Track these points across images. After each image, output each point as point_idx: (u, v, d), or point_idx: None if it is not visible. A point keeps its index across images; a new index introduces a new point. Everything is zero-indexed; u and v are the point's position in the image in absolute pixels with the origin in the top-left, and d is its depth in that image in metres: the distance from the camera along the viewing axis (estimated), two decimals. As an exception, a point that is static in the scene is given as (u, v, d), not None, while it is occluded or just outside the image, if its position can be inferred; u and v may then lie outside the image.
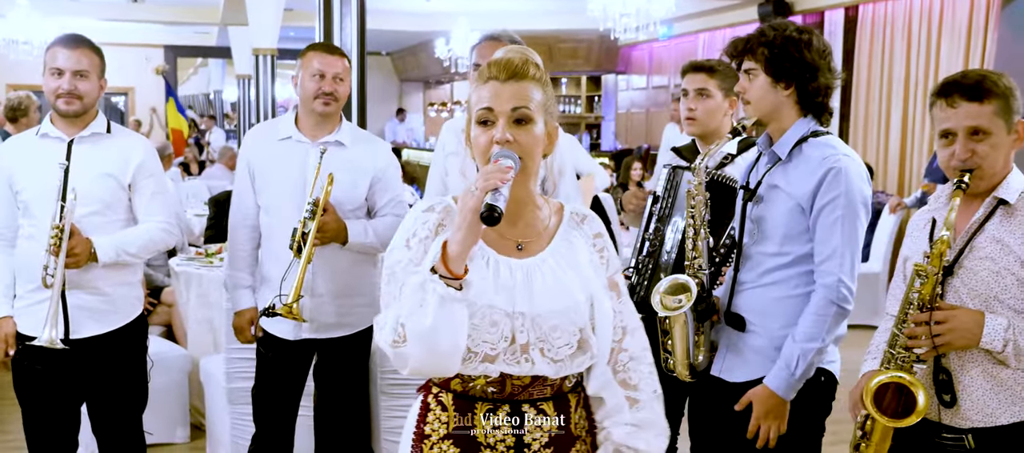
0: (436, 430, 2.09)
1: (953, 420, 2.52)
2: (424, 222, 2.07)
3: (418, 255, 2.03)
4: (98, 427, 3.54)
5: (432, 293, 1.87)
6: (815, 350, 2.71)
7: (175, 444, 5.19)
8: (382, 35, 16.27)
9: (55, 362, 3.31)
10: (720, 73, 3.55)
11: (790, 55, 2.77)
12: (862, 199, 2.75)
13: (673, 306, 2.83)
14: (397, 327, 1.92)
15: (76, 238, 3.21)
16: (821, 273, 2.74)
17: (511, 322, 2.01)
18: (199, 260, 5.87)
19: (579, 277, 2.08)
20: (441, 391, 2.11)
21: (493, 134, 2.01)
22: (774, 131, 2.87)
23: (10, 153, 3.43)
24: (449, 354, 1.93)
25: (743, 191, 2.94)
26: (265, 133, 3.70)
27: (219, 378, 4.75)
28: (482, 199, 1.85)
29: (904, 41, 10.28)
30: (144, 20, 16.10)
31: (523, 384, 2.05)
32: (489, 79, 2.05)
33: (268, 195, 3.56)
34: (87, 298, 3.35)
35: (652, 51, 16.00)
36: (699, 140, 3.61)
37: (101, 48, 3.45)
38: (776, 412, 2.75)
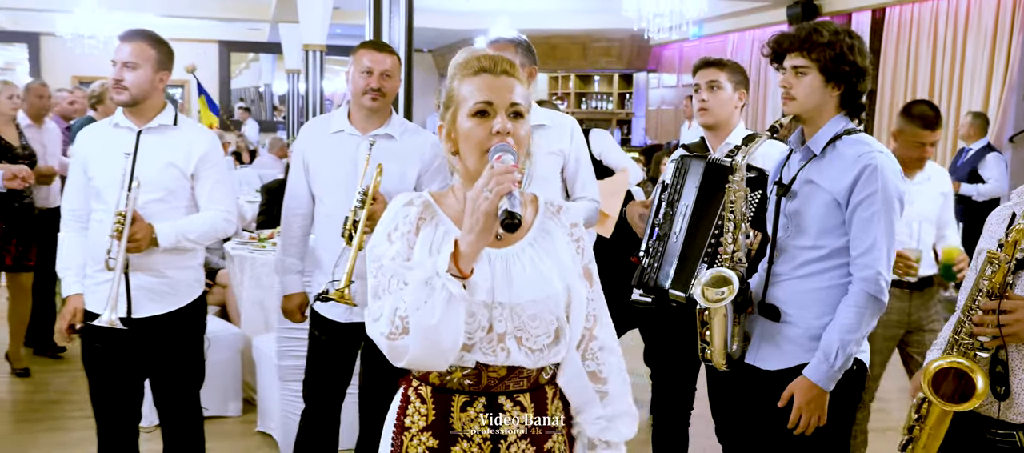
0: (415, 422, 2.05)
1: (1006, 414, 2.43)
2: (405, 216, 2.01)
3: (403, 249, 1.97)
4: (159, 400, 3.57)
5: (441, 291, 1.82)
6: (854, 341, 2.70)
7: (228, 417, 5.24)
8: (424, 33, 16.28)
9: (117, 340, 3.34)
10: (729, 67, 3.60)
11: (845, 57, 2.75)
12: (897, 194, 2.74)
13: (715, 298, 2.81)
14: (395, 320, 1.86)
15: (138, 224, 3.24)
16: (859, 266, 2.72)
17: (489, 311, 1.95)
18: (252, 244, 5.91)
19: (557, 266, 2.04)
20: (420, 384, 2.06)
21: (492, 125, 1.95)
22: (810, 128, 2.85)
23: (86, 141, 3.47)
24: (449, 350, 1.88)
25: (776, 187, 2.92)
26: (319, 127, 3.72)
27: (270, 356, 4.79)
28: (497, 203, 1.80)
29: (929, 42, 10.15)
30: (200, 16, 16.20)
31: (499, 376, 2.00)
32: (480, 72, 1.99)
33: (321, 185, 3.58)
34: (149, 280, 3.38)
35: (682, 50, 15.91)
36: (710, 132, 3.64)
37: (165, 42, 3.46)
38: (817, 402, 2.73)
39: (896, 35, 10.65)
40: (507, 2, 13.87)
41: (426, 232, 2.00)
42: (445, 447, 2.02)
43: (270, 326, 5.21)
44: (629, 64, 17.40)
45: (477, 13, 14.88)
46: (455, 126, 2.01)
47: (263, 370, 5.00)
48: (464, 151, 2.00)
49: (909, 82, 10.47)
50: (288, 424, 4.52)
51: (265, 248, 5.72)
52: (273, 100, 20.95)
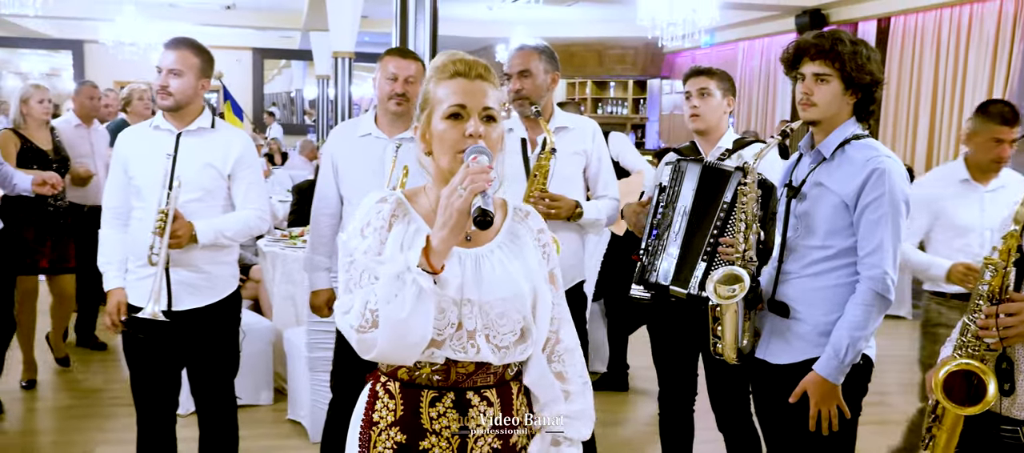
0: (384, 417, 2.00)
1: (1010, 411, 2.41)
2: (378, 212, 1.98)
3: (375, 244, 1.94)
4: (196, 389, 3.60)
5: (411, 285, 1.79)
6: (862, 337, 2.70)
7: (260, 406, 5.27)
8: (448, 41, 16.24)
9: (158, 331, 3.36)
10: (718, 76, 3.66)
11: (865, 67, 2.74)
12: (903, 197, 2.73)
13: (727, 295, 2.82)
14: (365, 313, 1.83)
15: (179, 221, 3.27)
16: (866, 265, 2.72)
17: (458, 309, 1.92)
18: (284, 241, 5.95)
19: (524, 268, 2.01)
20: (389, 380, 2.02)
21: (465, 128, 1.92)
22: (820, 132, 2.85)
23: (127, 142, 3.49)
24: (416, 344, 1.85)
25: (787, 189, 2.92)
26: (347, 130, 3.74)
27: (300, 348, 4.81)
28: (470, 200, 1.78)
29: (933, 51, 10.09)
30: (235, 25, 16.30)
31: (467, 372, 1.97)
32: (455, 76, 1.96)
33: (349, 186, 3.60)
34: (188, 275, 3.40)
35: (694, 58, 15.87)
36: (701, 137, 3.68)
37: (206, 49, 3.49)
38: (831, 395, 2.74)
39: (900, 44, 10.60)
40: (527, 11, 13.88)
41: (398, 229, 1.97)
42: (413, 442, 1.98)
43: (300, 320, 5.24)
44: (643, 71, 17.38)
45: (498, 22, 14.90)
46: (429, 127, 1.98)
47: (293, 361, 5.03)
48: (437, 152, 1.97)
49: (913, 89, 10.41)
50: (317, 413, 4.55)
51: (296, 245, 5.75)
52: (304, 105, 21.05)
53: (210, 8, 15.15)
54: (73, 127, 6.19)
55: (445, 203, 1.81)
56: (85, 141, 6.19)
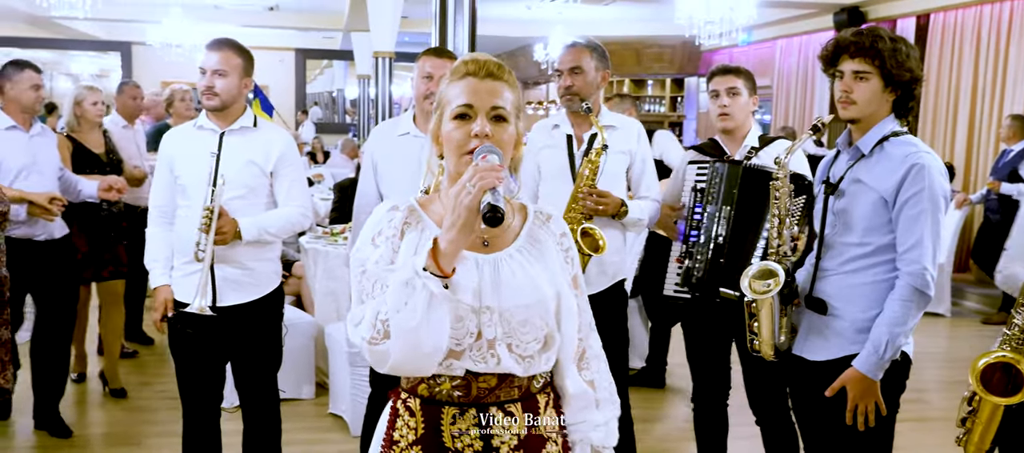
0: (404, 436, 1.90)
1: None
2: (389, 220, 1.89)
3: (387, 253, 1.85)
4: (240, 383, 3.64)
5: (421, 291, 1.69)
6: (902, 334, 2.67)
7: (302, 400, 5.32)
8: (486, 40, 16.28)
9: (204, 326, 3.41)
10: (744, 74, 3.64)
11: (904, 64, 2.72)
12: (943, 193, 2.71)
13: (762, 290, 2.80)
14: (376, 324, 1.73)
15: (224, 218, 3.31)
16: (906, 261, 2.69)
17: (477, 317, 1.82)
18: (325, 238, 6.00)
19: (547, 272, 1.91)
20: (409, 396, 1.91)
21: (471, 128, 1.83)
22: (858, 129, 2.82)
23: (172, 143, 3.54)
24: (431, 354, 1.75)
25: (825, 185, 2.90)
26: (387, 130, 3.76)
27: (341, 343, 4.85)
28: (479, 197, 1.68)
29: (973, 47, 9.93)
30: (278, 26, 16.43)
31: (489, 386, 1.86)
32: (466, 76, 1.88)
33: (388, 185, 3.62)
34: (232, 271, 3.45)
35: (732, 56, 15.75)
36: (726, 136, 3.66)
37: (247, 49, 3.52)
38: (870, 391, 2.71)
39: (940, 40, 10.44)
40: (565, 11, 13.85)
41: (411, 237, 1.89)
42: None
43: (341, 315, 5.29)
44: (681, 69, 17.27)
45: (537, 21, 14.88)
46: (440, 128, 1.92)
47: (335, 356, 5.07)
48: (446, 153, 1.89)
49: (953, 86, 10.25)
50: (357, 407, 4.58)
51: (337, 242, 5.80)
52: (345, 104, 21.19)
53: (254, 9, 15.29)
54: (120, 128, 6.14)
55: (453, 202, 1.71)
56: (131, 142, 6.17)
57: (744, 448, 4.10)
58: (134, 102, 6.33)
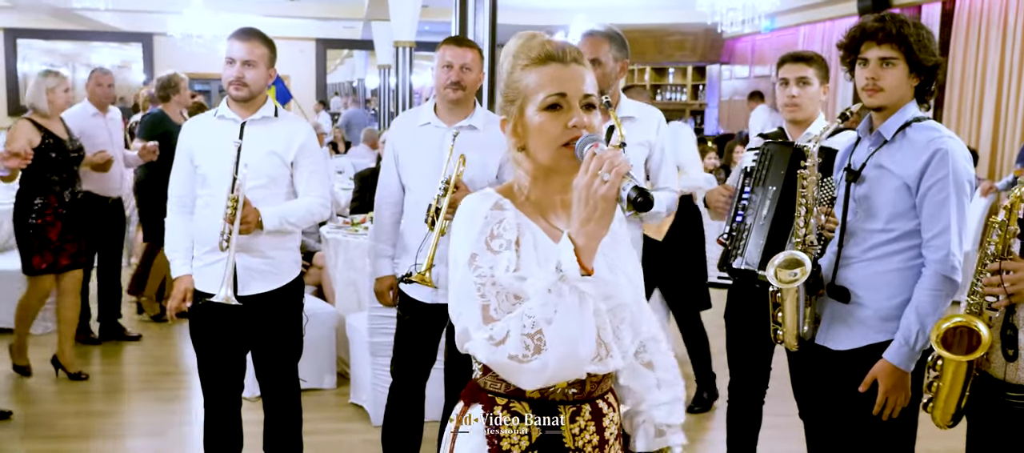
0: (516, 443, 1.78)
1: (1017, 377, 2.44)
2: (499, 221, 1.74)
3: (512, 260, 1.70)
4: (261, 372, 3.64)
5: (570, 295, 1.59)
6: (932, 323, 2.64)
7: (324, 389, 5.33)
8: (507, 29, 16.18)
9: (225, 315, 3.42)
10: (817, 62, 3.49)
11: (928, 48, 2.70)
12: (967, 178, 2.69)
13: (788, 279, 2.77)
14: (525, 339, 1.61)
15: (247, 208, 3.31)
16: (932, 248, 2.67)
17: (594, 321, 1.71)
18: (346, 229, 6.00)
19: (631, 264, 1.88)
20: (511, 400, 1.79)
21: (568, 120, 1.71)
22: (882, 116, 2.78)
23: (192, 132, 3.54)
24: (585, 358, 1.66)
25: (846, 172, 2.86)
26: (408, 120, 3.74)
27: (362, 333, 4.86)
28: (618, 185, 1.55)
29: (999, 33, 9.82)
30: (299, 16, 16.47)
31: (597, 380, 1.82)
32: (548, 60, 1.75)
33: (409, 175, 3.61)
34: (253, 261, 3.45)
35: (754, 43, 15.65)
36: (794, 126, 3.53)
37: (272, 40, 3.51)
38: (901, 384, 2.70)
39: (966, 26, 10.32)
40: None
41: (526, 240, 1.76)
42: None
43: (362, 305, 5.29)
44: (702, 57, 17.19)
45: (558, 10, 14.83)
46: (523, 120, 1.77)
47: (356, 346, 5.08)
48: (535, 147, 1.76)
49: (978, 73, 10.14)
50: (378, 397, 4.59)
51: (358, 232, 5.80)
52: (366, 94, 21.22)
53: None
54: (90, 116, 6.02)
55: (585, 195, 1.58)
56: (102, 130, 6.02)
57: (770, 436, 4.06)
58: (100, 88, 6.14)
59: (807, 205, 2.85)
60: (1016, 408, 2.46)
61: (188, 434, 4.64)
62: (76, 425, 4.78)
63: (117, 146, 6.14)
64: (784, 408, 3.70)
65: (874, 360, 2.72)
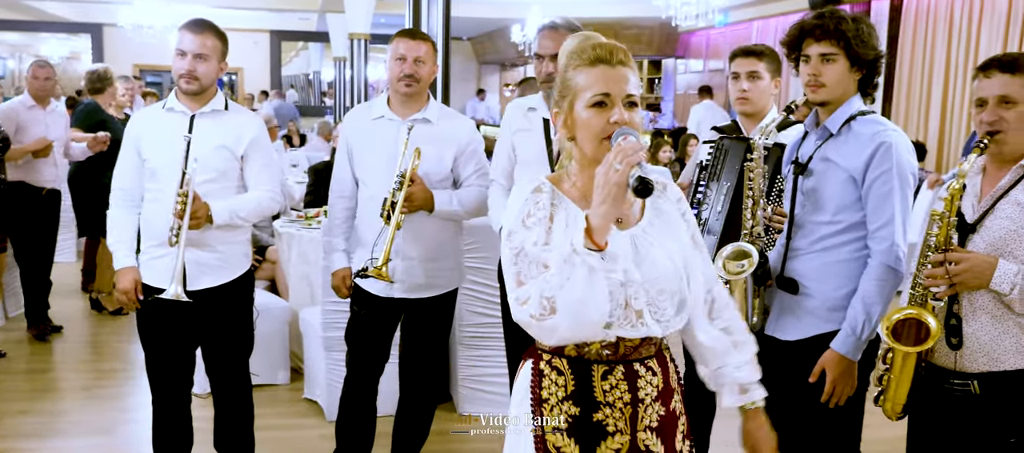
0: (553, 394, 2.05)
1: (961, 364, 2.50)
2: (536, 202, 2.02)
3: (541, 234, 1.98)
4: (210, 368, 3.59)
5: (581, 266, 1.84)
6: (877, 312, 2.69)
7: (277, 385, 5.27)
8: (463, 21, 16.26)
9: (174, 311, 3.37)
10: (768, 56, 3.50)
11: (867, 42, 2.74)
12: (911, 170, 2.73)
13: (736, 271, 2.80)
14: (542, 301, 1.88)
15: (197, 203, 3.26)
16: (877, 239, 2.71)
17: (624, 290, 1.97)
18: (299, 222, 5.94)
19: (677, 242, 2.07)
20: (553, 357, 2.06)
21: (610, 116, 1.95)
22: (827, 110, 2.82)
23: (140, 125, 3.48)
24: (596, 322, 1.92)
25: (793, 165, 2.90)
26: (361, 113, 3.71)
27: (316, 327, 4.82)
28: (627, 173, 1.81)
29: (946, 28, 10.00)
30: (252, 7, 16.29)
31: (634, 345, 2.03)
32: (597, 62, 1.99)
33: (363, 169, 3.58)
34: (203, 255, 3.40)
35: (709, 37, 15.76)
36: (747, 119, 3.56)
37: (223, 32, 3.46)
38: (848, 373, 2.73)
39: (913, 22, 10.50)
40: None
41: (559, 217, 2.01)
42: (587, 414, 2.03)
43: (316, 300, 5.24)
44: (658, 50, 17.28)
45: (513, 3, 14.83)
46: (572, 114, 2.01)
47: (310, 341, 5.03)
48: (581, 138, 2.01)
49: (926, 68, 10.32)
50: (333, 391, 4.54)
51: (311, 226, 5.75)
52: (321, 86, 21.06)
53: (227, -10, 15.15)
54: (26, 108, 5.92)
55: (602, 181, 1.84)
56: (39, 122, 5.93)
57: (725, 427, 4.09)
58: (37, 81, 6.01)
59: (754, 197, 2.88)
60: (957, 395, 2.53)
61: (136, 432, 4.56)
62: (18, 424, 4.68)
63: (56, 139, 6.00)
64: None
65: (822, 350, 2.75)
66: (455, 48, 17.07)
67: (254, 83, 19.15)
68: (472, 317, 4.74)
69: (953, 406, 2.55)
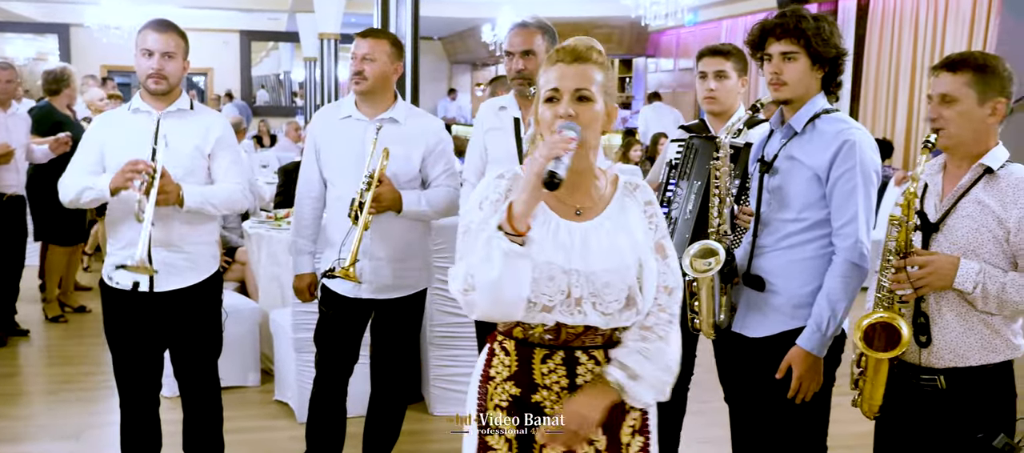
0: (499, 373, 2.17)
1: (928, 361, 2.55)
2: (495, 187, 2.14)
3: (490, 216, 2.06)
4: (179, 371, 3.56)
5: (497, 248, 1.92)
6: (843, 309, 2.72)
7: (247, 387, 5.24)
8: (434, 21, 16.22)
9: (142, 312, 3.35)
10: (734, 56, 3.53)
11: (829, 41, 2.76)
12: (874, 168, 2.76)
13: (702, 269, 2.81)
14: (467, 277, 1.98)
15: (166, 179, 3.20)
16: (841, 236, 2.73)
17: (567, 278, 2.05)
18: (269, 223, 5.90)
19: (630, 240, 2.12)
20: (504, 338, 2.18)
21: (557, 110, 2.05)
22: (792, 108, 2.84)
23: (104, 127, 3.44)
24: (513, 303, 1.99)
25: (759, 164, 2.92)
26: (329, 113, 3.69)
27: (286, 329, 4.79)
28: (544, 165, 1.90)
29: (912, 28, 10.11)
30: (222, 7, 16.17)
31: (577, 333, 2.10)
32: (556, 62, 2.09)
33: (331, 169, 3.56)
34: (171, 256, 3.36)
35: (679, 36, 15.84)
36: (714, 118, 3.57)
37: (185, 32, 3.44)
38: (814, 369, 2.75)
39: (880, 22, 10.61)
40: (512, -9, 13.80)
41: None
42: (526, 395, 2.14)
43: (286, 301, 5.21)
44: (629, 49, 17.34)
45: (483, 2, 14.82)
46: (537, 109, 2.13)
47: (280, 342, 5.00)
48: (541, 132, 2.11)
49: (893, 67, 10.44)
50: (304, 393, 4.52)
51: (281, 227, 5.71)
52: (292, 87, 20.93)
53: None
54: None
55: (526, 171, 1.97)
56: (1, 126, 5.80)
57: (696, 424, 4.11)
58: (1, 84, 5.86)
59: (721, 196, 2.90)
60: (926, 390, 2.57)
61: (104, 436, 4.51)
62: (-13, 429, 4.62)
63: (17, 143, 5.86)
64: (708, 395, 3.75)
65: (788, 346, 2.77)
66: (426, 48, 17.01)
67: (224, 83, 19.00)
68: (442, 317, 4.73)
69: (921, 401, 2.59)
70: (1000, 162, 2.50)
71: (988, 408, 2.52)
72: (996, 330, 2.50)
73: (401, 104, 3.59)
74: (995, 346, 2.51)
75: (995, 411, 2.52)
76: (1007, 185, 2.47)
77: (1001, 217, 2.45)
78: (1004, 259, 2.48)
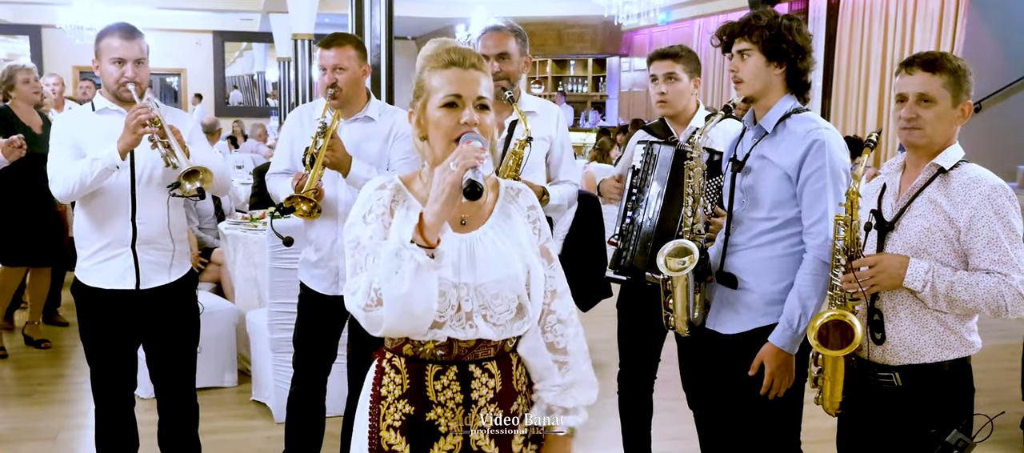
0: (391, 391, 2.06)
1: (884, 358, 2.58)
2: (378, 199, 2.04)
3: (379, 229, 2.00)
4: (155, 371, 3.53)
5: (408, 261, 1.84)
6: (813, 306, 2.74)
7: (225, 387, 5.23)
8: (407, 21, 16.19)
9: (118, 312, 3.34)
10: (684, 57, 3.55)
11: (783, 37, 2.79)
12: (843, 167, 2.79)
13: (677, 268, 2.84)
14: (371, 292, 1.88)
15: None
16: (811, 234, 2.76)
17: (457, 292, 1.98)
18: (245, 224, 5.89)
19: (517, 247, 2.05)
20: (394, 356, 2.08)
21: (461, 117, 1.97)
22: (760, 108, 2.88)
23: (74, 127, 3.40)
24: (422, 317, 1.91)
25: (731, 163, 2.94)
26: (306, 112, 3.71)
27: (263, 329, 4.78)
28: (461, 174, 1.84)
29: (882, 26, 10.22)
30: (195, 8, 16.06)
31: (469, 347, 2.03)
32: (450, 65, 2.01)
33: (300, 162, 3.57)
34: (156, 254, 3.37)
35: (652, 35, 15.92)
36: (671, 120, 3.61)
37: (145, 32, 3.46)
38: (786, 365, 2.78)
39: (851, 19, 10.71)
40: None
41: (399, 213, 2.03)
42: (421, 413, 2.05)
43: (263, 301, 5.20)
44: (602, 49, 17.41)
45: (457, 2, 14.81)
46: (425, 114, 2.03)
47: (256, 343, 4.99)
48: (433, 138, 2.02)
49: (863, 65, 10.54)
50: (281, 393, 4.51)
51: (257, 228, 5.69)
52: (266, 87, 20.82)
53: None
54: None
55: (437, 179, 1.87)
56: None
57: (666, 420, 4.14)
58: None
59: (694, 196, 2.92)
60: (884, 387, 2.60)
61: (80, 437, 4.49)
62: (-39, 433, 4.57)
63: None
64: (678, 392, 3.77)
65: (760, 343, 2.80)
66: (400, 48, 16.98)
67: (197, 84, 18.88)
68: (420, 315, 4.73)
69: (879, 398, 2.62)
70: (952, 162, 2.52)
71: (945, 404, 2.54)
72: (950, 327, 2.52)
73: (375, 102, 3.60)
74: (949, 343, 2.53)
75: (952, 407, 2.54)
76: (958, 184, 2.49)
77: (952, 216, 2.47)
78: (955, 258, 2.50)
